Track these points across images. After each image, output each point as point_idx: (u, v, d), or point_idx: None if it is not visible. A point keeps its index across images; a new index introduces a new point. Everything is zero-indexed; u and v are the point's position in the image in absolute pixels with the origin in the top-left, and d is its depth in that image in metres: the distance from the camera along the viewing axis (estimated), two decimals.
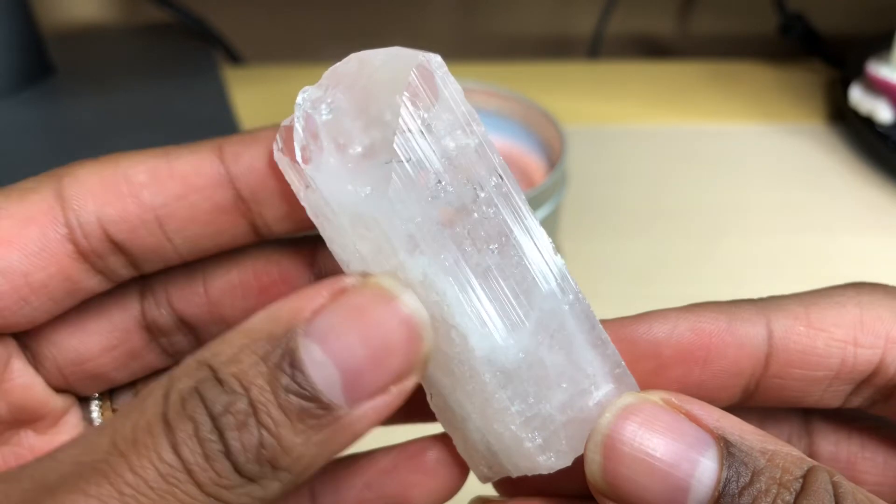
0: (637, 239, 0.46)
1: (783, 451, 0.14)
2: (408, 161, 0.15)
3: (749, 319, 0.17)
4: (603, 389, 0.16)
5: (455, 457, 0.17)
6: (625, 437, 0.15)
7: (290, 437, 0.13)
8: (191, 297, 0.18)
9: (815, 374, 0.16)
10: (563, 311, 0.16)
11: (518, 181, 0.47)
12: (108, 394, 0.19)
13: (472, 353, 0.15)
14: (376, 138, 0.15)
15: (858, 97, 0.52)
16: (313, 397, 0.13)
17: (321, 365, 0.13)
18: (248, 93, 0.57)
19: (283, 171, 0.16)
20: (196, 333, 0.18)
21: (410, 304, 0.14)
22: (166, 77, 0.57)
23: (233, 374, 0.13)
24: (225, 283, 0.18)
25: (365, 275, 0.15)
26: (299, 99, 0.15)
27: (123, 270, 0.17)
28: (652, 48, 0.69)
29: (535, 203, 0.36)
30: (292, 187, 0.16)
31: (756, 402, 0.17)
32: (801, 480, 0.14)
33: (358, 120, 0.15)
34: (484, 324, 0.15)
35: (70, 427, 0.18)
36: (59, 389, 0.18)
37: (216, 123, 0.53)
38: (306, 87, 0.16)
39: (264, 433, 0.13)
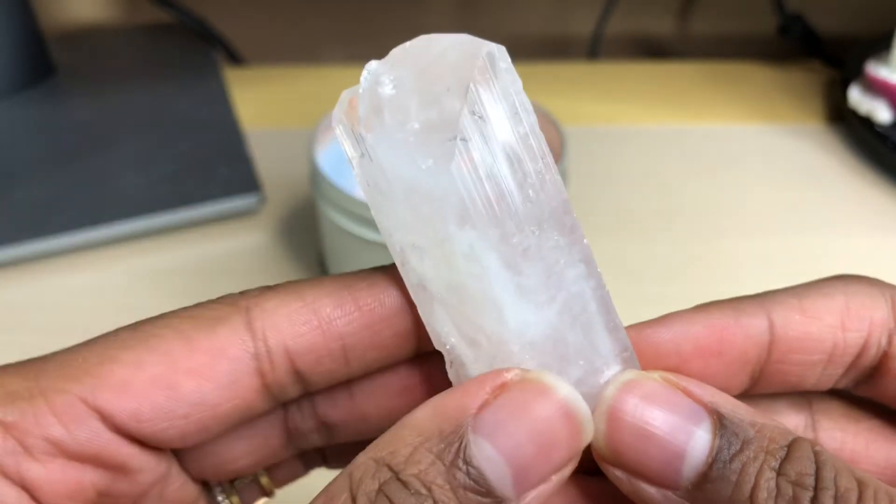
0: (636, 238, 0.46)
1: (771, 425, 0.16)
2: (469, 141, 0.16)
3: (752, 313, 0.18)
4: (612, 370, 0.17)
5: None
6: (627, 409, 0.16)
7: None
8: (336, 403, 0.19)
9: (811, 357, 0.18)
10: (587, 295, 0.17)
11: None
12: None
13: (505, 325, 0.16)
14: (438, 116, 0.16)
15: (857, 98, 0.52)
16: (488, 493, 0.14)
17: (492, 461, 0.14)
18: (248, 93, 0.58)
19: (339, 138, 0.17)
20: (332, 432, 0.19)
21: (570, 396, 0.15)
22: (167, 77, 0.57)
23: (415, 476, 0.14)
24: (370, 387, 0.18)
25: (523, 370, 0.16)
26: (365, 72, 0.16)
27: (294, 394, 0.18)
28: (651, 49, 0.69)
29: None
30: (346, 154, 0.17)
31: (761, 389, 0.19)
32: (786, 449, 0.15)
33: (420, 97, 0.16)
34: (519, 298, 0.16)
35: None
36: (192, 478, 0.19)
37: (217, 124, 0.53)
38: (372, 62, 0.16)
39: None
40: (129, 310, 0.44)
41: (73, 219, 0.45)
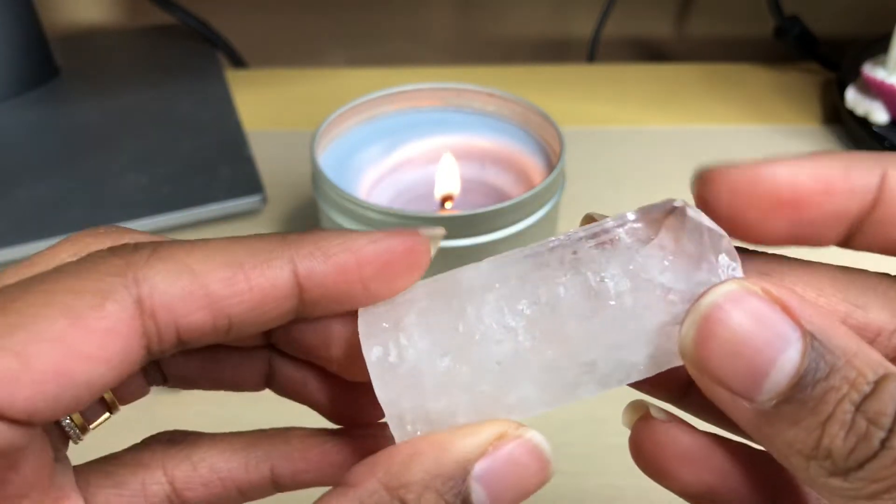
0: None
1: (864, 354, 0.15)
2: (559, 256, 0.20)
3: (865, 168, 0.17)
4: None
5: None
6: (721, 317, 0.16)
7: None
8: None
9: None
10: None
11: (517, 181, 0.47)
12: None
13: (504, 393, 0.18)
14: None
15: (854, 99, 0.52)
16: None
17: (483, 502, 0.17)
18: (250, 95, 0.58)
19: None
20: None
21: (549, 455, 0.18)
22: (170, 79, 0.58)
23: None
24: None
25: (518, 424, 0.18)
26: None
27: (171, 351, 0.18)
28: (649, 51, 0.70)
29: (533, 203, 0.37)
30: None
31: (854, 246, 0.19)
32: (872, 385, 0.15)
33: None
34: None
35: None
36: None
37: (220, 125, 0.53)
38: None
39: None
40: None
41: (77, 219, 0.45)
